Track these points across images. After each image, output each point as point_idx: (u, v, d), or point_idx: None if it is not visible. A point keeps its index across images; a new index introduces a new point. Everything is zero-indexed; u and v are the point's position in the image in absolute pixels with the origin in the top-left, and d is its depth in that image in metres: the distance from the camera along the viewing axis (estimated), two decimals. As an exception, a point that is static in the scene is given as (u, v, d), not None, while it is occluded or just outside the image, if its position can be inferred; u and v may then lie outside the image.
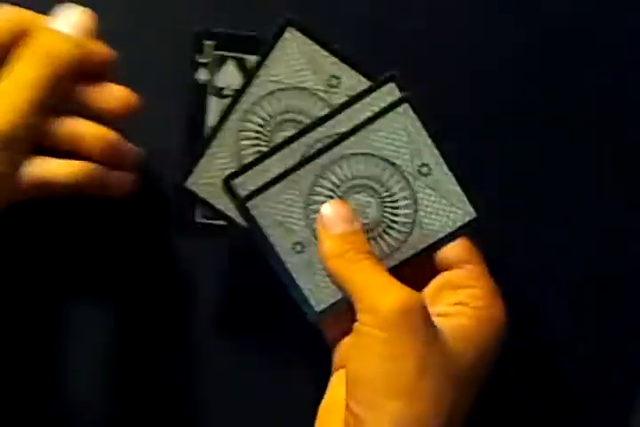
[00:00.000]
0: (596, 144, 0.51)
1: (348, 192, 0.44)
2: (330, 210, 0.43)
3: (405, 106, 0.44)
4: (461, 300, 0.42)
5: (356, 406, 0.40)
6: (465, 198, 0.44)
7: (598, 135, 0.51)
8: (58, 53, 0.41)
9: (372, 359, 0.40)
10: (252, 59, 0.43)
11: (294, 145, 0.44)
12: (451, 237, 0.44)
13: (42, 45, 0.41)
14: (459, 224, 0.44)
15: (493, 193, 0.48)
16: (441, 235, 0.44)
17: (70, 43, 0.41)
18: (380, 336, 0.39)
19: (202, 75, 0.43)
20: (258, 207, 0.44)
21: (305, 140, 0.44)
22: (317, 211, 0.44)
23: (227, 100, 0.44)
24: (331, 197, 0.44)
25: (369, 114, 0.44)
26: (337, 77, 0.43)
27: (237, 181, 0.44)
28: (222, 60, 0.44)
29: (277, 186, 0.44)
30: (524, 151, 0.50)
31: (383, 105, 0.44)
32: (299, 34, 0.43)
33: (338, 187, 0.44)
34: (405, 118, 0.44)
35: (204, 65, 0.44)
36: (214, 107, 0.44)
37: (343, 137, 0.44)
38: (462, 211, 0.44)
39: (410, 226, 0.44)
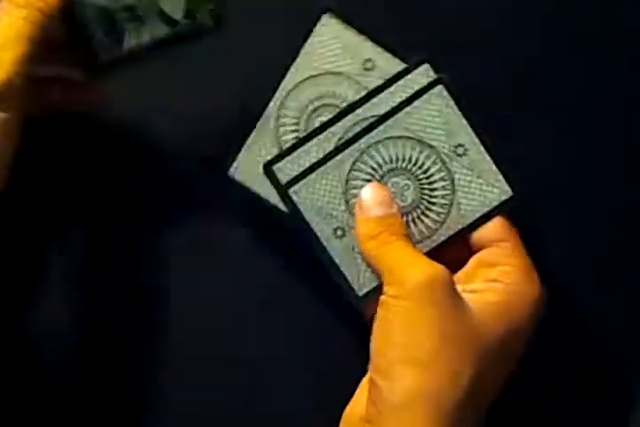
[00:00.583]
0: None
1: (386, 176, 0.44)
2: (368, 193, 0.44)
3: (440, 87, 0.44)
4: (494, 277, 0.42)
5: (376, 375, 0.40)
6: (501, 177, 0.44)
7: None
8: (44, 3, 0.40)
9: (393, 328, 0.40)
10: None
11: (331, 129, 0.44)
12: (488, 216, 0.44)
13: None
14: (495, 203, 0.44)
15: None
16: (478, 214, 0.44)
17: None
18: (402, 306, 0.40)
19: None
20: (299, 193, 0.44)
21: (341, 124, 0.44)
22: (356, 195, 0.44)
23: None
24: (369, 182, 0.44)
25: (404, 96, 0.44)
26: (372, 61, 0.44)
27: (278, 166, 0.45)
28: None
29: (317, 172, 0.44)
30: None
31: (417, 87, 0.44)
32: (334, 20, 0.44)
33: (376, 171, 0.44)
34: (440, 100, 0.44)
35: None
36: None
37: (380, 121, 0.44)
38: (499, 190, 0.44)
39: (447, 207, 0.44)
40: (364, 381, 0.43)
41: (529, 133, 0.50)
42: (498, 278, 0.42)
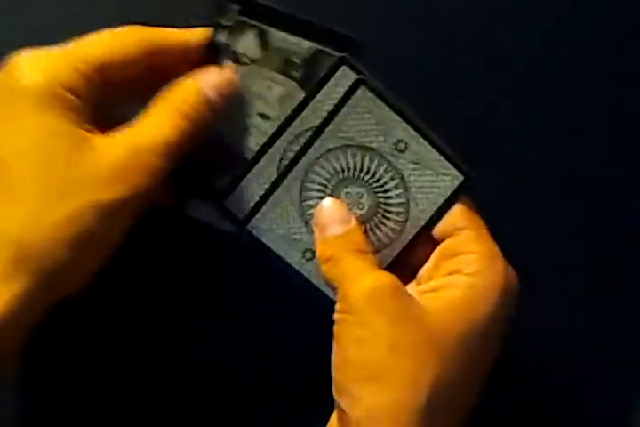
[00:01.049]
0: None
1: (338, 188, 0.44)
2: (322, 212, 0.43)
3: (362, 89, 0.43)
4: (455, 268, 0.41)
5: (336, 394, 0.40)
6: (448, 164, 0.43)
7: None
8: (193, 115, 0.41)
9: (345, 345, 0.39)
10: (275, 32, 0.43)
11: (269, 152, 0.44)
12: (447, 204, 0.43)
13: (180, 101, 0.41)
14: (450, 191, 0.43)
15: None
16: (436, 206, 0.43)
17: (208, 106, 0.42)
18: (350, 320, 0.39)
19: (221, 37, 0.43)
20: (258, 227, 0.44)
21: (278, 144, 0.44)
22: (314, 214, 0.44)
23: (242, 68, 0.44)
24: (322, 198, 0.44)
25: (331, 103, 0.43)
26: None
27: (228, 200, 0.44)
28: (244, 27, 0.43)
29: (268, 202, 0.44)
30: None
31: (342, 90, 0.43)
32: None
33: (325, 186, 0.44)
34: (366, 100, 0.43)
35: (225, 27, 0.43)
36: None
37: (314, 136, 0.43)
38: (449, 177, 0.43)
39: (405, 205, 0.44)
40: None
41: (529, 133, 0.50)
42: (458, 269, 0.41)
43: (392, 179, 0.43)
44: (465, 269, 0.41)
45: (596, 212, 0.50)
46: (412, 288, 0.42)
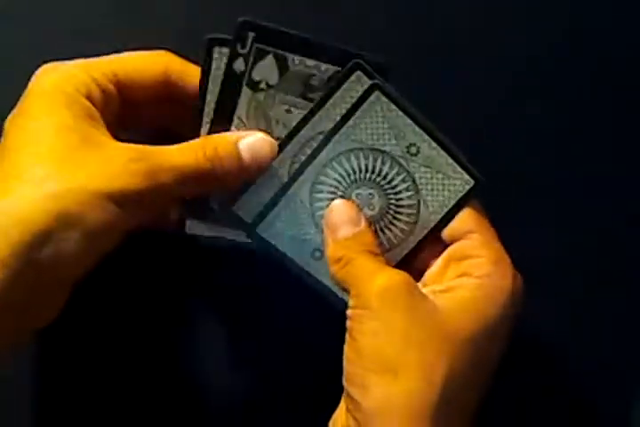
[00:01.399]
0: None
1: (349, 189, 0.44)
2: (333, 213, 0.44)
3: (376, 93, 0.43)
4: (464, 270, 0.42)
5: (349, 386, 0.41)
6: (459, 168, 0.44)
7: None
8: (220, 166, 0.42)
9: (360, 339, 0.40)
10: (292, 57, 0.43)
11: (280, 157, 0.44)
12: (457, 207, 0.44)
13: (212, 145, 0.42)
14: (460, 194, 0.44)
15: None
16: (446, 209, 0.44)
17: (240, 168, 0.42)
18: (366, 315, 0.40)
19: (239, 65, 0.43)
20: (267, 230, 0.45)
21: (289, 148, 0.44)
22: (324, 216, 0.44)
23: (260, 94, 0.44)
24: (333, 199, 0.44)
25: (344, 107, 0.44)
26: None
27: (237, 205, 0.44)
28: (262, 54, 0.43)
29: (279, 204, 0.44)
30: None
31: (355, 95, 0.43)
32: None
33: (337, 188, 0.44)
34: (380, 105, 0.43)
35: (243, 56, 0.43)
36: (245, 97, 0.44)
37: (326, 139, 0.44)
38: (460, 180, 0.44)
39: (416, 207, 0.44)
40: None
41: (529, 133, 0.51)
42: (467, 271, 0.42)
43: (403, 181, 0.44)
44: (474, 273, 0.42)
45: (597, 212, 0.51)
46: (419, 285, 0.43)
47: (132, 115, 0.44)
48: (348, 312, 0.42)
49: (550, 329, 0.48)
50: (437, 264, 0.44)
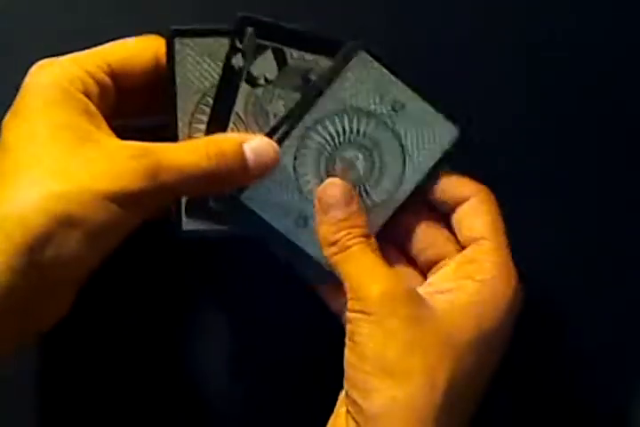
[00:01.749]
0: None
1: (334, 153, 0.44)
2: (325, 192, 0.44)
3: (361, 53, 0.43)
4: (468, 274, 0.42)
5: (351, 389, 0.41)
6: (443, 118, 0.44)
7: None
8: (224, 166, 0.41)
9: (362, 342, 0.41)
10: (290, 51, 0.44)
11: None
12: (444, 160, 0.45)
13: (216, 146, 0.41)
14: (447, 146, 0.45)
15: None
16: (433, 163, 0.45)
17: (245, 169, 0.42)
18: (366, 320, 0.41)
19: (238, 60, 0.43)
20: (250, 198, 0.44)
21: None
22: (309, 181, 0.44)
23: (259, 90, 0.44)
24: (317, 164, 0.44)
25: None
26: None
27: None
28: (260, 49, 0.44)
29: None
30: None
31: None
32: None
33: (321, 152, 0.44)
34: (363, 64, 0.44)
35: (241, 51, 0.43)
36: (244, 93, 0.44)
37: (309, 103, 0.44)
38: (445, 130, 0.44)
39: (401, 164, 0.45)
40: (342, 395, 0.43)
41: (529, 134, 0.51)
42: (471, 275, 0.42)
43: (388, 139, 0.44)
44: (476, 276, 0.42)
45: (597, 212, 0.51)
46: (422, 288, 0.44)
47: (129, 104, 0.43)
48: (348, 315, 0.42)
49: (551, 329, 0.48)
50: (449, 266, 0.44)
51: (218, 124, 0.44)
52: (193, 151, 0.40)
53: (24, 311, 0.38)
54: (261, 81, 0.44)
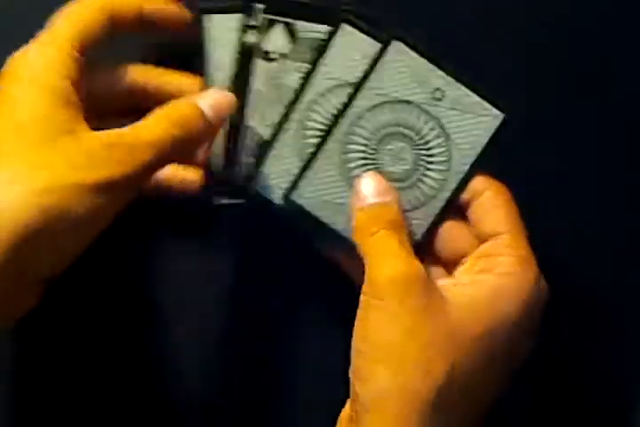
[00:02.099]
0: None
1: (379, 146, 0.44)
2: (362, 184, 0.44)
3: (395, 44, 0.44)
4: (487, 266, 0.42)
5: (352, 375, 0.40)
6: (487, 104, 0.44)
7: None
8: (189, 130, 0.41)
9: (367, 327, 0.40)
10: (300, 24, 0.44)
11: (289, 122, 0.44)
12: (489, 146, 0.44)
13: (176, 113, 0.41)
14: (491, 131, 0.44)
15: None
16: (479, 148, 0.44)
17: (208, 126, 0.42)
18: (375, 304, 0.40)
19: (250, 37, 0.44)
20: (302, 196, 0.44)
21: (298, 113, 0.44)
22: (358, 175, 0.44)
23: (274, 65, 0.44)
24: (365, 159, 0.44)
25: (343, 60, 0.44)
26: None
27: (260, 185, 0.44)
28: (271, 24, 0.44)
29: (310, 170, 0.44)
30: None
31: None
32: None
33: (367, 146, 0.44)
34: (401, 55, 0.44)
35: (253, 28, 0.44)
36: (259, 69, 0.45)
37: (351, 98, 0.44)
38: (490, 116, 0.44)
39: (447, 153, 0.44)
40: None
41: (529, 134, 0.50)
42: (490, 268, 0.42)
43: (432, 129, 0.44)
44: (495, 269, 0.41)
45: (596, 211, 0.50)
46: (442, 281, 0.43)
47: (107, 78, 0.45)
48: (360, 298, 0.41)
49: (551, 329, 0.46)
50: (467, 260, 0.43)
51: (238, 102, 0.44)
52: (159, 125, 0.40)
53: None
54: (275, 55, 0.44)
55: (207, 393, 0.49)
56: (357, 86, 0.44)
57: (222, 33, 0.44)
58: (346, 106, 0.44)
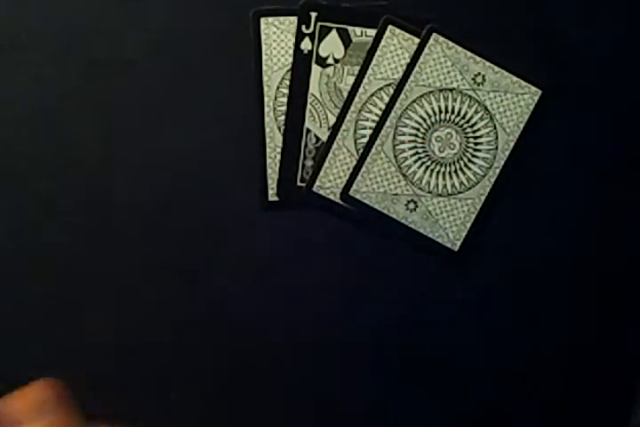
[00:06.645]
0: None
1: (427, 134, 0.46)
2: None
3: (434, 36, 0.46)
4: None
5: None
6: (525, 83, 0.47)
7: None
8: None
9: None
10: (353, 29, 0.46)
11: (342, 130, 0.46)
12: (532, 122, 0.47)
13: None
14: (532, 106, 0.47)
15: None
16: (523, 124, 0.47)
17: None
18: None
19: (306, 44, 0.45)
20: (359, 191, 0.46)
21: (348, 118, 0.46)
22: (409, 165, 0.46)
23: (329, 69, 0.46)
24: (415, 148, 0.46)
25: (391, 60, 0.46)
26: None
27: (317, 185, 0.46)
28: (325, 31, 0.46)
29: (365, 164, 0.46)
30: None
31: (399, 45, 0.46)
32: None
33: (416, 135, 0.46)
34: (439, 46, 0.46)
35: (309, 35, 0.45)
36: (316, 74, 0.46)
37: (397, 92, 0.46)
38: (529, 93, 0.47)
39: (494, 133, 0.47)
40: None
41: (529, 134, 0.50)
42: None
43: (476, 112, 0.47)
44: None
45: (596, 211, 0.50)
46: None
47: None
48: None
49: (551, 329, 0.49)
50: None
51: (296, 106, 0.46)
52: None
53: None
54: (330, 60, 0.46)
55: (207, 393, 0.49)
56: (402, 80, 0.46)
57: (277, 36, 0.45)
58: (394, 100, 0.46)
